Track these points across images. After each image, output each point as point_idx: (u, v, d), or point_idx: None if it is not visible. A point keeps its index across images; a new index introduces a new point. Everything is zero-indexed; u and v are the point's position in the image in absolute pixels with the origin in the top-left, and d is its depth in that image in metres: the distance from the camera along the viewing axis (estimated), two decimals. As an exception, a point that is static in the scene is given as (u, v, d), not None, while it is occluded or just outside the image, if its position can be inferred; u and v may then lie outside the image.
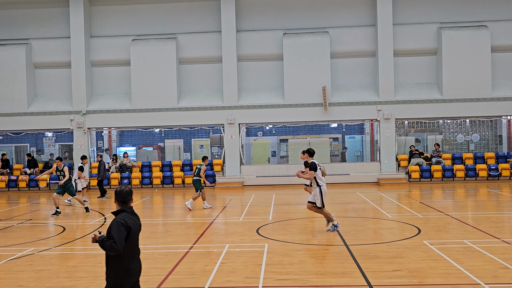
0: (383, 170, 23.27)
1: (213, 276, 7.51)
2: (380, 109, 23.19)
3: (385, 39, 23.12)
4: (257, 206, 15.87)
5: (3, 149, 26.78)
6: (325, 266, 7.96)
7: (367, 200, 16.59)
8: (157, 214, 15.35)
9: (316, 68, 23.23)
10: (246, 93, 23.96)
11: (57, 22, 24.32)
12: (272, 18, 24.03)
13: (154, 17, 24.24)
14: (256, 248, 9.36)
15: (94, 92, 24.47)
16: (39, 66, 24.46)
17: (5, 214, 15.72)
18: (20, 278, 7.76)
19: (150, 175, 23.70)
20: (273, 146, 26.37)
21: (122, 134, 28.42)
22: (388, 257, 8.41)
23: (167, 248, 9.78)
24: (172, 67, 23.58)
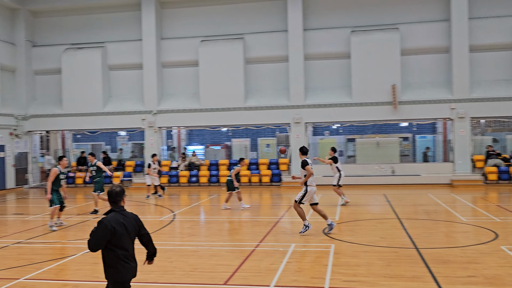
0: (457, 171, 22.23)
1: (279, 275, 7.50)
2: (454, 107, 22.16)
3: (460, 34, 22.05)
4: (323, 206, 15.65)
5: (80, 147, 28.35)
6: (394, 269, 7.71)
7: (439, 202, 15.92)
8: (224, 212, 15.56)
9: (385, 66, 22.61)
10: (313, 92, 23.77)
11: (130, 25, 25.34)
12: (340, 16, 23.66)
13: (222, 18, 24.62)
14: (322, 248, 9.25)
15: (164, 92, 25.26)
16: (114, 68, 25.61)
17: (82, 209, 16.58)
18: (95, 269, 8.13)
19: (217, 173, 24.11)
20: (340, 146, 26.00)
21: (190, 133, 29.19)
22: (462, 262, 8.01)
23: (234, 245, 9.89)
24: (239, 67, 23.85)
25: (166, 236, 11.12)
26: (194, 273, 7.77)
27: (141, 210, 16.23)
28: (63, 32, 25.99)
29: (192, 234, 11.37)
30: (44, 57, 25.99)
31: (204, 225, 12.86)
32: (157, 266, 8.30)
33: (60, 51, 25.64)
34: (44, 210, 15.24)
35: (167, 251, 9.52)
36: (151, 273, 7.83)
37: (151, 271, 7.95)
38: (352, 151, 25.63)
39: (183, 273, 7.83)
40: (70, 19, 25.94)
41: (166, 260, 8.71)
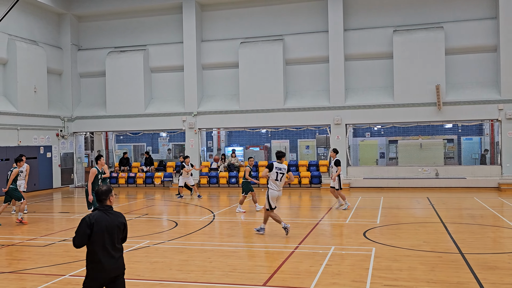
0: (505, 174, 21.41)
1: (318, 277, 7.42)
2: (502, 108, 21.36)
3: (508, 32, 21.25)
4: (364, 209, 15.45)
5: (123, 147, 29.03)
6: (437, 274, 7.49)
7: (485, 206, 15.38)
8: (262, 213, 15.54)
9: (429, 66, 22.05)
10: (354, 92, 23.46)
11: (171, 28, 25.76)
12: (381, 15, 23.26)
13: (261, 20, 24.67)
14: (362, 252, 9.09)
15: (204, 94, 25.53)
16: (155, 70, 26.10)
17: (125, 209, 16.96)
18: (137, 268, 8.29)
19: (256, 174, 24.12)
20: (381, 147, 25.54)
21: (230, 134, 29.38)
22: (510, 268, 7.70)
23: (273, 247, 9.87)
24: (279, 68, 23.82)
25: (206, 236, 11.22)
26: (233, 274, 7.80)
27: (182, 210, 16.45)
28: (106, 35, 26.70)
29: (231, 234, 11.43)
30: (88, 60, 26.78)
31: (242, 226, 12.90)
32: (197, 266, 8.38)
33: (104, 54, 26.35)
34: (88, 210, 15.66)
35: (206, 251, 9.60)
36: (191, 272, 7.92)
37: (191, 270, 8.04)
38: (394, 153, 25.14)
39: (222, 273, 7.88)
40: (113, 23, 26.63)
41: (206, 260, 8.78)
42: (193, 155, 24.82)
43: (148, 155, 26.53)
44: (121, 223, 5.19)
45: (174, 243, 10.41)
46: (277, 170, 10.76)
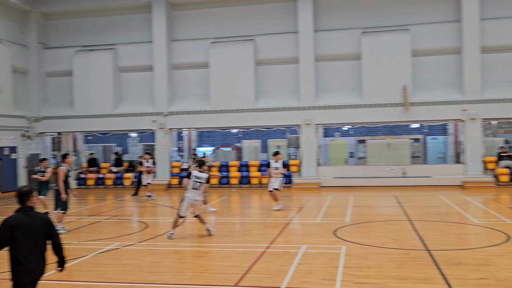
0: (469, 172, 22.07)
1: (290, 276, 7.51)
2: (466, 108, 22.01)
3: (471, 35, 21.91)
4: (334, 208, 15.67)
5: (92, 148, 28.57)
6: (405, 271, 7.69)
7: (450, 204, 15.83)
8: (235, 214, 15.61)
9: (396, 67, 22.52)
10: (323, 93, 23.73)
11: (141, 27, 25.49)
12: (350, 17, 23.61)
13: (232, 20, 24.68)
14: (333, 250, 9.24)
15: (175, 94, 25.37)
16: (124, 70, 25.77)
17: (94, 210, 16.72)
18: (107, 271, 8.21)
19: (227, 175, 24.17)
20: (350, 147, 25.94)
21: (201, 134, 29.29)
22: (474, 264, 7.96)
23: (245, 247, 9.92)
24: (249, 68, 23.89)
25: (177, 238, 11.17)
26: (205, 274, 7.82)
27: (153, 211, 16.33)
28: (74, 34, 26.20)
29: (202, 235, 11.42)
30: (55, 59, 26.22)
31: (214, 226, 12.91)
32: (168, 267, 8.36)
33: (71, 53, 25.86)
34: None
35: (178, 252, 9.58)
36: (162, 274, 7.89)
37: (162, 272, 8.01)
38: (362, 152, 25.56)
39: (194, 274, 7.88)
40: (81, 21, 26.16)
41: (177, 261, 8.77)
42: (164, 155, 24.65)
43: (118, 156, 26.18)
44: (44, 223, 5.07)
45: (145, 245, 10.34)
46: (195, 179, 10.78)
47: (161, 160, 24.69)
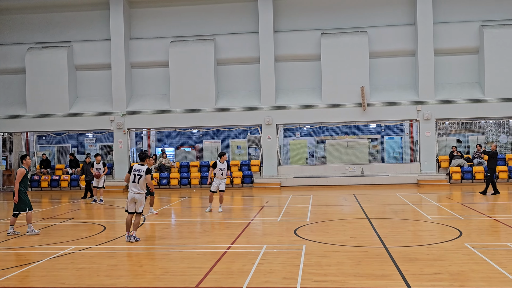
0: (423, 171, 22.75)
1: (251, 276, 7.50)
2: (420, 109, 22.69)
3: (425, 38, 22.62)
4: (294, 207, 15.80)
5: (46, 149, 27.69)
6: (364, 268, 7.83)
7: (406, 202, 16.25)
8: (195, 214, 15.49)
9: (355, 68, 22.95)
10: (284, 93, 23.91)
11: (98, 25, 24.94)
12: (310, 18, 23.89)
13: (192, 19, 24.50)
14: (294, 249, 9.30)
15: (133, 93, 24.96)
16: (80, 68, 25.14)
17: (48, 213, 16.21)
18: (62, 275, 7.96)
19: (188, 175, 23.97)
20: (310, 147, 26.23)
21: (161, 134, 28.90)
22: (429, 259, 8.20)
23: (205, 248, 9.85)
24: (210, 68, 23.78)
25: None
26: (165, 277, 7.70)
27: (111, 213, 16.00)
28: (26, 30, 25.36)
29: (162, 237, 11.27)
30: (6, 56, 25.29)
31: (175, 227, 12.76)
32: (126, 271, 8.19)
33: (23, 50, 25.00)
34: (8, 215, 14.83)
35: (137, 255, 9.41)
36: (120, 277, 7.72)
37: (121, 275, 7.84)
38: (322, 152, 25.90)
39: (153, 276, 7.75)
40: (34, 17, 25.34)
41: (136, 264, 8.61)
42: (122, 156, 24.21)
43: (73, 157, 25.48)
44: None
45: (102, 248, 10.10)
46: (135, 172, 10.67)
47: (120, 161, 24.24)
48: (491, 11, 22.86)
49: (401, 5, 23.49)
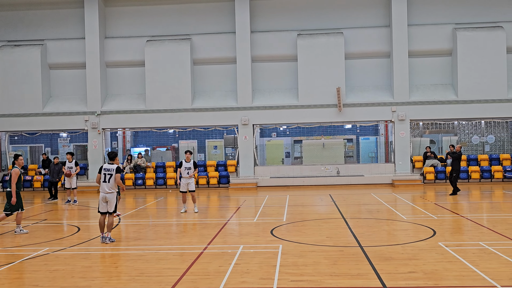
0: (398, 171, 23.09)
1: (228, 276, 7.50)
2: (395, 110, 23.02)
3: (399, 40, 22.96)
4: (271, 207, 15.85)
5: (18, 149, 27.09)
6: (340, 267, 7.90)
7: (381, 201, 16.47)
8: (171, 215, 15.39)
9: (331, 69, 23.15)
10: (260, 94, 23.96)
11: (72, 23, 24.55)
12: (287, 19, 24.00)
13: (169, 18, 24.34)
14: (270, 249, 9.33)
15: (108, 93, 24.65)
16: (54, 67, 24.72)
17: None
18: (35, 277, 7.81)
19: (164, 175, 23.80)
20: (287, 147, 26.32)
21: (136, 134, 28.60)
22: (403, 258, 8.32)
23: (182, 248, 9.80)
24: (186, 68, 23.66)
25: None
26: (140, 278, 7.63)
27: (85, 214, 15.77)
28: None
29: (138, 238, 11.16)
30: (-22, 55, 24.70)
31: (151, 228, 12.66)
32: (101, 272, 8.09)
33: (-4, 48, 24.46)
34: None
35: (112, 256, 9.31)
36: (95, 279, 7.62)
37: (95, 277, 7.74)
38: (298, 152, 26.02)
39: (129, 278, 7.67)
40: (6, 15, 24.80)
41: (111, 266, 8.51)
42: (97, 156, 23.89)
43: (46, 157, 25.00)
44: None
45: (76, 249, 9.95)
46: (105, 172, 10.57)
47: (94, 161, 23.92)
48: (464, 14, 23.36)
49: (376, 7, 23.80)
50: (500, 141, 24.27)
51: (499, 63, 22.60)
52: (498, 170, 22.33)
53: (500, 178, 22.26)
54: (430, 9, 23.48)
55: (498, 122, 23.78)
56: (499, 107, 22.71)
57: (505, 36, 22.58)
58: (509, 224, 11.52)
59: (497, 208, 15.04)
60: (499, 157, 23.15)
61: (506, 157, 23.00)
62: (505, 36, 22.58)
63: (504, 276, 7.10)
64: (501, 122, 23.82)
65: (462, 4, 23.41)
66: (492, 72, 22.62)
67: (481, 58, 22.66)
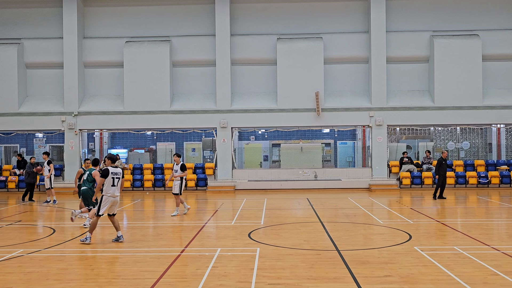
0: (375, 176, 23.36)
1: (205, 280, 7.48)
2: (373, 115, 23.30)
3: (378, 45, 23.27)
4: (248, 210, 15.86)
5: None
6: (317, 271, 7.96)
7: (358, 206, 16.64)
8: (148, 217, 15.27)
9: (310, 73, 23.31)
10: (239, 97, 23.98)
11: (50, 22, 24.21)
12: (266, 23, 24.10)
13: (148, 19, 24.20)
14: (248, 252, 9.34)
15: (86, 93, 24.36)
16: (31, 66, 24.32)
17: (-6, 215, 15.54)
18: (9, 280, 7.67)
19: (141, 177, 23.60)
20: (265, 151, 26.39)
21: (114, 136, 28.30)
22: (380, 262, 8.43)
23: (159, 251, 9.73)
24: (165, 69, 23.54)
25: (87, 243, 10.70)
26: (117, 281, 7.56)
27: (61, 216, 15.53)
28: (-26, 26, 24.29)
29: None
30: (-49, 52, 24.12)
31: (127, 230, 12.53)
32: (77, 274, 7.99)
33: (-30, 46, 23.94)
34: None
35: (88, 258, 9.20)
36: (70, 281, 7.52)
37: (71, 279, 7.64)
38: (277, 156, 26.11)
39: (105, 280, 7.59)
40: (-18, 13, 24.31)
41: (87, 268, 8.40)
42: (73, 157, 23.56)
43: (21, 158, 24.53)
44: None
45: (52, 251, 9.80)
46: (113, 176, 10.55)
47: (70, 162, 23.60)
48: (441, 22, 23.80)
49: (355, 13, 24.08)
50: (475, 147, 24.78)
51: (474, 71, 23.10)
52: (472, 176, 22.79)
53: (475, 184, 22.72)
54: (408, 16, 23.88)
55: (473, 128, 24.29)
56: (474, 114, 23.20)
57: (480, 44, 23.09)
58: (483, 229, 11.77)
59: (472, 214, 15.34)
60: (473, 163, 23.63)
61: (480, 163, 23.49)
62: (480, 44, 23.09)
63: (477, 280, 7.25)
64: (476, 128, 24.33)
65: (439, 12, 23.86)
66: (468, 79, 23.10)
67: (458, 65, 23.12)
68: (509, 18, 23.78)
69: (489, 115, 23.22)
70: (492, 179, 22.63)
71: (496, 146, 24.79)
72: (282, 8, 24.11)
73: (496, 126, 24.33)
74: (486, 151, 25.00)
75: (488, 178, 22.67)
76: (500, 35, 23.51)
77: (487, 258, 8.55)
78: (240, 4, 24.09)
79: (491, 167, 23.53)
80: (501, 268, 7.93)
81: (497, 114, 23.20)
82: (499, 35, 23.51)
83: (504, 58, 23.64)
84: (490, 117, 23.27)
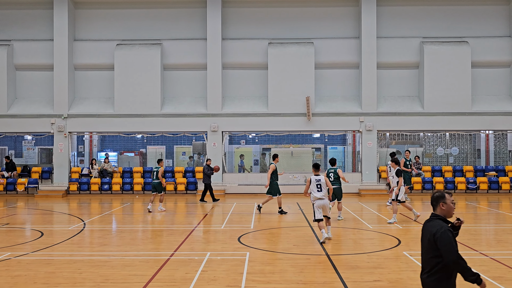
0: (364, 181, 23.44)
1: (194, 284, 7.46)
2: (363, 120, 23.41)
3: (368, 51, 23.41)
4: (238, 214, 15.84)
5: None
6: (306, 275, 7.96)
7: (348, 210, 16.68)
8: (138, 221, 15.19)
9: (300, 78, 23.38)
10: (230, 101, 23.98)
11: (41, 24, 24.06)
12: (258, 27, 24.14)
13: (139, 23, 24.14)
14: (237, 257, 9.33)
15: (76, 96, 24.22)
16: (21, 68, 24.14)
17: (-19, 218, 15.38)
18: (-6, 283, 7.59)
19: (131, 181, 23.49)
20: (255, 155, 26.39)
21: (103, 139, 28.16)
22: (369, 267, 8.45)
23: (148, 255, 9.69)
24: (156, 73, 23.49)
25: (75, 246, 10.63)
26: (105, 284, 7.51)
27: (49, 219, 15.40)
28: (-37, 26, 24.06)
29: (103, 243, 10.97)
30: None
31: (116, 234, 12.46)
32: (65, 278, 7.92)
33: (-41, 47, 23.70)
34: None
35: (76, 261, 9.12)
36: (58, 285, 7.46)
37: (59, 283, 7.57)
38: (267, 160, 26.08)
39: (93, 284, 7.54)
40: (-29, 13, 24.10)
41: (75, 272, 8.34)
42: (62, 160, 23.41)
43: (9, 160, 24.33)
44: None
45: (39, 255, 9.72)
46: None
47: (60, 165, 23.43)
48: (431, 28, 23.99)
49: (346, 19, 24.21)
50: (464, 153, 24.98)
51: (464, 77, 23.30)
52: (461, 181, 22.95)
53: (463, 190, 22.88)
54: (399, 22, 24.05)
55: (462, 134, 24.49)
56: (463, 120, 23.39)
57: (470, 51, 23.32)
58: (471, 235, 11.86)
59: (459, 218, 15.41)
60: (462, 169, 23.81)
61: (469, 169, 23.68)
62: (470, 51, 23.32)
63: (466, 285, 7.28)
64: (465, 134, 24.53)
65: (429, 19, 24.06)
66: (457, 85, 23.29)
67: (447, 71, 23.31)
68: (498, 25, 24.06)
69: (478, 121, 23.43)
70: (480, 185, 22.80)
71: (485, 152, 25.00)
72: (273, 13, 24.18)
73: (485, 132, 24.55)
74: (475, 157, 25.20)
75: (477, 184, 22.85)
76: (489, 42, 23.75)
77: (476, 264, 8.61)
78: (231, 9, 24.12)
79: (480, 173, 23.72)
80: (489, 274, 7.99)
81: (486, 120, 23.41)
82: (488, 42, 23.76)
83: (493, 65, 23.89)
84: (479, 123, 23.48)
